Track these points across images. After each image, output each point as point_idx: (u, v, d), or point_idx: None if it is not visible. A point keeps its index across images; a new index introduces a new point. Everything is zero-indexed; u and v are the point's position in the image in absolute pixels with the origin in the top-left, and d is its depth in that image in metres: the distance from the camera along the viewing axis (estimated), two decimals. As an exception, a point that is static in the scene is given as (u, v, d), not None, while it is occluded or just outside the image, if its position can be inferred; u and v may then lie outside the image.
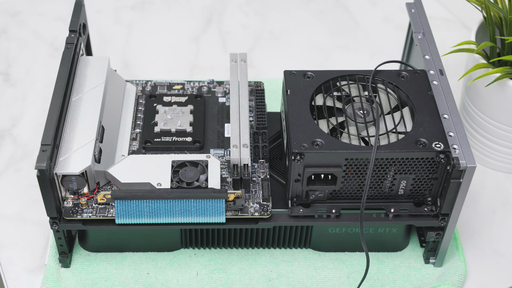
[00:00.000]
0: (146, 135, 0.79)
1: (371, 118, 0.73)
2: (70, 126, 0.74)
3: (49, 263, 0.77)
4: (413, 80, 0.76)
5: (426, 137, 0.70)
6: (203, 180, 0.73)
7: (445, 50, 0.91)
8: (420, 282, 0.78)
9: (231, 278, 0.77)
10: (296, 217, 0.74)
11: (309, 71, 0.77)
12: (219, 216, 0.72)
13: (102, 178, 0.74)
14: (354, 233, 0.77)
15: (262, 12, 1.12)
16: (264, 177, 0.76)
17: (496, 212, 0.86)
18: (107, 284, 0.76)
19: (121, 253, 0.79)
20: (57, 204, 0.71)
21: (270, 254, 0.80)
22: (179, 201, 0.71)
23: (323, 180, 0.71)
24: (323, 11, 1.13)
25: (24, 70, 1.02)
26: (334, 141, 0.69)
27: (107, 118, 0.77)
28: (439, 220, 0.73)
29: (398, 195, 0.73)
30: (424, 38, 0.81)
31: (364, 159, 0.69)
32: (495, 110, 0.83)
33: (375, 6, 1.14)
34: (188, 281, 0.77)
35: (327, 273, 0.78)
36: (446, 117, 0.72)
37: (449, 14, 1.13)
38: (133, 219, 0.71)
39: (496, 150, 0.87)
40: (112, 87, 0.80)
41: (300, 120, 0.71)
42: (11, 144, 0.91)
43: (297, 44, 1.08)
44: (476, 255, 0.81)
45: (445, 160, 0.69)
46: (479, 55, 0.82)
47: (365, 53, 1.07)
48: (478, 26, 0.87)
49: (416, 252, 0.80)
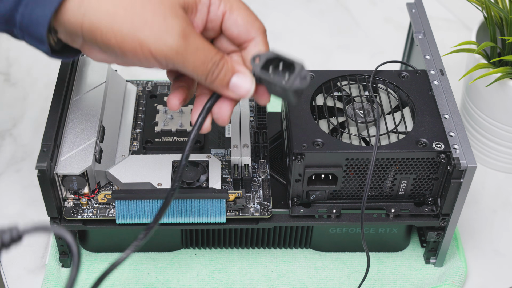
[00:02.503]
0: (147, 135, 0.79)
1: (371, 118, 0.73)
2: (71, 126, 0.74)
3: (50, 263, 0.77)
4: (413, 80, 0.76)
5: (426, 137, 0.70)
6: (203, 180, 0.73)
7: (445, 50, 0.90)
8: (420, 282, 0.78)
9: (232, 278, 0.77)
10: (297, 217, 0.74)
11: (309, 71, 0.77)
12: (219, 216, 0.72)
13: (102, 178, 0.74)
14: (354, 233, 0.77)
15: (262, 12, 1.12)
16: (264, 177, 0.76)
17: (497, 212, 0.86)
18: (108, 284, 0.76)
19: (121, 253, 0.79)
20: (57, 204, 0.71)
21: (270, 254, 0.80)
22: (179, 201, 0.71)
23: (323, 180, 0.71)
24: (324, 11, 1.13)
25: (25, 70, 1.02)
26: (334, 141, 0.69)
27: (107, 118, 0.77)
28: (440, 220, 0.73)
29: (398, 195, 0.73)
30: (425, 38, 0.81)
31: (365, 159, 0.69)
32: (496, 110, 0.83)
33: (376, 6, 1.14)
34: (189, 281, 0.77)
35: (328, 273, 0.78)
36: (446, 117, 0.72)
37: (450, 14, 1.13)
38: (133, 219, 0.71)
39: (497, 150, 0.87)
40: (113, 87, 0.80)
41: (301, 120, 0.71)
42: (11, 144, 0.91)
43: (297, 44, 1.08)
44: (477, 255, 0.81)
45: (446, 160, 0.69)
46: (480, 55, 0.82)
47: (365, 53, 1.07)
48: (479, 26, 0.87)
49: (416, 252, 0.80)
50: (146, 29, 0.54)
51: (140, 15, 0.54)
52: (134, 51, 0.55)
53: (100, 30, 0.55)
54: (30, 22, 0.55)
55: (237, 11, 0.59)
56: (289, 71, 0.58)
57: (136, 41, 0.54)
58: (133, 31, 0.54)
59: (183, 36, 0.55)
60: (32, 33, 0.56)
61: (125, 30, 0.54)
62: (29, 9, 0.55)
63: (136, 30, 0.54)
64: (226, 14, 0.59)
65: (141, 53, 0.55)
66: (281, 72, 0.59)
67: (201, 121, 0.60)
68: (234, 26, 0.60)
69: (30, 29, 0.56)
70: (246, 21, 0.60)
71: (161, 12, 0.55)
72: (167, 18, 0.55)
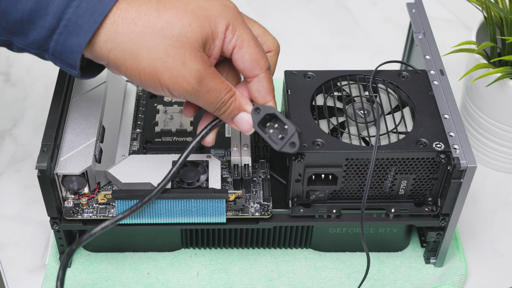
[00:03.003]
0: (147, 135, 0.79)
1: (371, 118, 0.73)
2: (71, 126, 0.74)
3: (50, 263, 0.77)
4: (413, 80, 0.76)
5: (426, 137, 0.70)
6: (203, 180, 0.73)
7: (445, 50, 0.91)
8: (420, 282, 0.78)
9: (232, 278, 0.77)
10: (297, 217, 0.74)
11: (309, 71, 0.77)
12: (219, 216, 0.72)
13: (102, 178, 0.74)
14: (354, 233, 0.77)
15: (262, 12, 1.12)
16: (264, 177, 0.76)
17: (497, 212, 0.86)
18: (108, 284, 0.76)
19: (121, 253, 0.79)
20: (57, 204, 0.71)
21: (270, 254, 0.80)
22: (179, 201, 0.71)
23: (323, 180, 0.71)
24: (324, 11, 1.13)
25: (25, 70, 1.02)
26: (334, 141, 0.69)
27: (107, 118, 0.77)
28: (440, 220, 0.73)
29: (398, 195, 0.73)
30: (425, 38, 0.81)
31: (365, 159, 0.69)
32: (496, 110, 0.83)
33: (376, 6, 1.14)
34: (189, 281, 0.77)
35: (328, 273, 0.78)
36: (446, 117, 0.72)
37: (450, 14, 1.13)
38: (133, 219, 0.71)
39: (497, 150, 0.87)
40: (113, 87, 0.80)
41: (301, 120, 0.71)
42: (11, 144, 0.91)
43: (297, 44, 1.08)
44: (477, 255, 0.81)
45: (446, 160, 0.69)
46: (480, 55, 0.82)
47: (365, 53, 1.07)
48: (479, 26, 0.87)
49: (416, 252, 0.80)
50: (166, 73, 0.59)
51: (162, 60, 0.59)
52: (154, 87, 0.61)
53: (125, 67, 0.60)
54: (64, 49, 0.59)
55: (246, 48, 0.63)
56: (283, 131, 0.64)
57: (156, 81, 0.60)
58: (154, 72, 0.59)
59: (198, 80, 0.60)
60: (64, 59, 0.60)
61: (147, 70, 0.59)
62: (63, 38, 0.59)
63: (157, 72, 0.59)
64: (235, 49, 0.63)
65: (160, 90, 0.61)
66: (276, 129, 0.65)
67: (204, 134, 0.67)
68: (240, 61, 0.63)
69: (63, 56, 0.60)
70: (252, 59, 0.63)
71: (181, 57, 0.59)
72: (185, 63, 0.59)
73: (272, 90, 0.65)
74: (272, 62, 0.67)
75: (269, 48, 0.67)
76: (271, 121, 0.65)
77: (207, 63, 0.61)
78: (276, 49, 0.68)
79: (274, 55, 0.68)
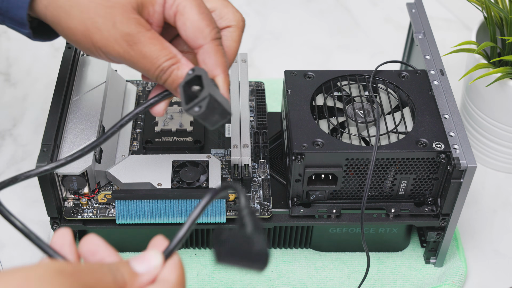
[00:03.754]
0: (147, 135, 0.79)
1: (371, 118, 0.73)
2: (71, 126, 0.74)
3: (50, 263, 0.77)
4: (413, 80, 0.76)
5: (426, 137, 0.70)
6: (203, 180, 0.73)
7: (445, 50, 0.91)
8: (420, 282, 0.78)
9: (232, 278, 0.77)
10: (297, 217, 0.74)
11: (309, 71, 0.77)
12: (219, 216, 0.72)
13: (102, 178, 0.74)
14: (354, 233, 0.77)
15: (262, 12, 1.12)
16: (264, 177, 0.76)
17: (497, 212, 0.86)
18: (108, 284, 0.76)
19: (121, 253, 0.79)
20: (57, 204, 0.71)
21: (270, 254, 0.80)
22: (179, 201, 0.71)
23: (323, 180, 0.71)
24: (324, 11, 1.13)
25: (25, 70, 1.02)
26: (334, 141, 0.69)
27: (107, 118, 0.77)
28: (440, 220, 0.73)
29: (398, 195, 0.73)
30: (425, 38, 0.81)
31: (365, 159, 0.69)
32: (496, 110, 0.83)
33: (376, 6, 1.14)
34: (189, 281, 0.77)
35: (328, 273, 0.78)
36: (446, 117, 0.72)
37: (450, 14, 1.13)
38: (133, 219, 0.71)
39: (497, 150, 0.87)
40: (113, 87, 0.80)
41: (301, 120, 0.71)
42: (11, 144, 0.91)
43: (297, 44, 1.08)
44: (477, 255, 0.81)
45: (446, 160, 0.69)
46: (480, 55, 0.82)
47: (365, 53, 1.07)
48: (479, 26, 0.87)
49: (416, 252, 0.80)
50: (97, 34, 0.56)
51: (92, 19, 0.56)
52: (89, 49, 0.58)
53: (60, 26, 0.57)
54: (10, 6, 0.58)
55: (187, 15, 0.57)
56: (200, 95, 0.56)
57: (90, 42, 0.57)
58: (87, 32, 0.57)
59: (130, 44, 0.56)
60: (12, 17, 0.58)
61: (80, 30, 0.57)
62: None
63: (89, 32, 0.57)
64: (177, 15, 0.58)
65: (95, 52, 0.58)
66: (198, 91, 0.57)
67: (152, 102, 0.61)
68: (182, 29, 0.58)
69: (11, 13, 0.58)
70: (194, 27, 0.57)
71: (111, 17, 0.56)
72: (116, 24, 0.56)
73: (221, 63, 0.58)
74: (233, 38, 0.60)
75: (229, 22, 0.61)
76: (199, 84, 0.57)
77: (143, 26, 0.56)
78: (238, 23, 0.61)
79: (235, 31, 0.61)
